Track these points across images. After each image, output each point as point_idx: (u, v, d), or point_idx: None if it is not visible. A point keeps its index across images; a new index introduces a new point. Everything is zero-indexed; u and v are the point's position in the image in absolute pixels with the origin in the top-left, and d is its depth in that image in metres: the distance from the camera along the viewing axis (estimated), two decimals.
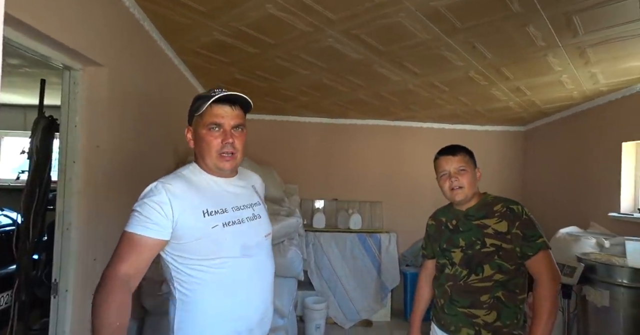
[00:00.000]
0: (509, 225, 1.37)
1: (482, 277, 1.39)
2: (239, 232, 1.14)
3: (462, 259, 1.44)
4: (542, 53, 2.27)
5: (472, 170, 1.48)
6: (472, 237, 1.43)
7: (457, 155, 1.48)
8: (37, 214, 2.09)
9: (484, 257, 1.39)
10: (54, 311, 1.66)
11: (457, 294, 1.44)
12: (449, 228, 1.54)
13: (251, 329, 1.16)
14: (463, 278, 1.43)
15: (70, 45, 1.41)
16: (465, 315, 1.42)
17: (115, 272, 0.99)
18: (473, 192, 1.48)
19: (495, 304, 1.38)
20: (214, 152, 1.13)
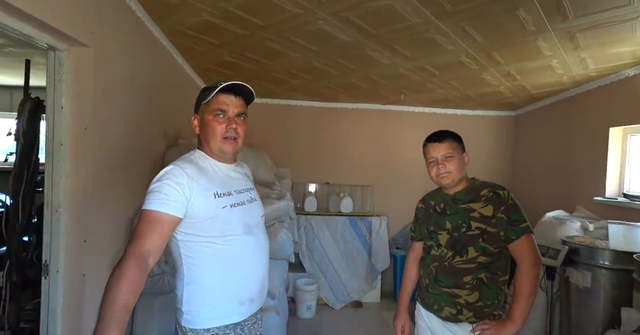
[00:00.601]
0: (495, 210, 1.42)
1: (467, 259, 1.44)
2: (242, 212, 1.25)
3: (448, 241, 1.49)
4: (532, 37, 2.27)
5: (460, 156, 1.52)
6: (459, 220, 1.48)
7: (443, 142, 1.51)
8: (26, 196, 2.09)
9: (468, 239, 1.44)
10: (45, 292, 1.68)
11: (442, 275, 1.50)
12: (437, 211, 1.58)
13: (252, 299, 1.27)
14: (448, 259, 1.48)
15: (54, 24, 1.39)
16: (449, 295, 1.47)
17: (138, 248, 1.05)
18: (460, 177, 1.52)
19: (478, 285, 1.43)
20: (218, 136, 1.23)
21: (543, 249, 2.66)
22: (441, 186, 1.58)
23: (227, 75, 3.39)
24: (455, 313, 1.46)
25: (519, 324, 1.36)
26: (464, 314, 1.45)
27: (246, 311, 1.26)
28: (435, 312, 1.53)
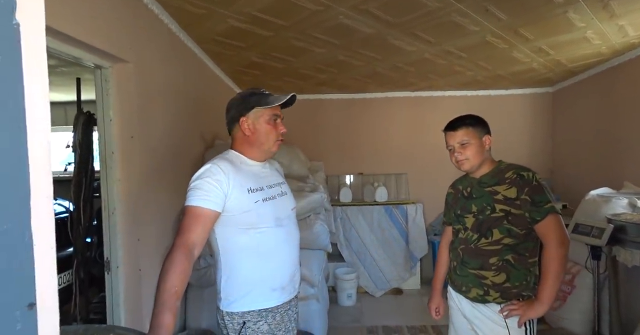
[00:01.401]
0: (518, 191, 1.43)
1: (491, 241, 1.47)
2: (274, 206, 1.35)
3: (473, 223, 1.52)
4: (561, 10, 2.19)
5: (477, 141, 1.52)
6: (484, 202, 1.50)
7: (458, 130, 1.53)
8: (86, 201, 2.32)
9: (493, 221, 1.46)
10: (108, 285, 1.88)
11: (468, 256, 1.53)
12: (464, 195, 1.61)
13: (284, 287, 1.37)
14: (474, 241, 1.51)
15: (98, 46, 1.54)
16: (475, 276, 1.51)
17: (184, 240, 1.17)
18: (480, 161, 1.53)
19: (504, 266, 1.45)
20: (272, 139, 1.37)
21: (586, 229, 2.58)
22: (464, 171, 1.61)
23: (256, 75, 3.51)
24: (482, 294, 1.49)
25: (546, 304, 1.37)
26: (490, 295, 1.47)
27: (279, 298, 1.35)
28: (464, 294, 1.56)
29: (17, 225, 0.40)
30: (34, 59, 0.42)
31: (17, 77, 0.40)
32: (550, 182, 4.32)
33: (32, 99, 0.42)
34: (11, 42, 0.39)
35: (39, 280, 0.43)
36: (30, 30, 0.42)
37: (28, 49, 0.41)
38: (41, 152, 0.43)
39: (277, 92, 1.54)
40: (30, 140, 0.41)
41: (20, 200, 0.41)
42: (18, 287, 0.40)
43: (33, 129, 0.42)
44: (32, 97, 0.42)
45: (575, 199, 3.46)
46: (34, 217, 0.42)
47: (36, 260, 0.43)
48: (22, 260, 0.41)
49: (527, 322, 1.43)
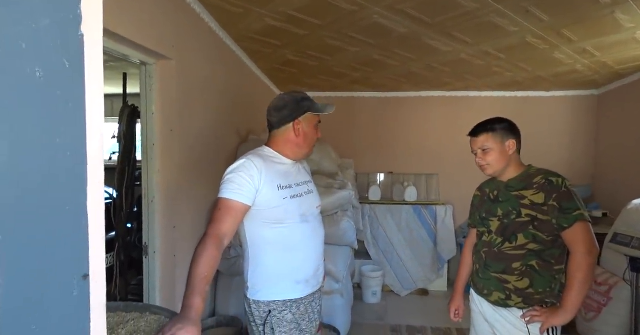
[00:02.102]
0: (546, 197, 1.40)
1: (515, 246, 1.45)
2: (300, 203, 1.42)
3: (498, 227, 1.51)
4: (608, 10, 2.10)
5: (499, 146, 1.50)
6: (509, 207, 1.48)
7: (479, 136, 1.54)
8: (128, 189, 2.48)
9: (518, 226, 1.45)
10: (145, 269, 2.01)
11: (491, 260, 1.52)
12: (491, 198, 1.60)
13: (307, 280, 1.43)
14: (497, 245, 1.50)
15: (145, 44, 1.65)
16: (498, 280, 1.50)
17: (216, 230, 1.24)
18: (503, 166, 1.52)
19: (528, 271, 1.44)
20: (312, 142, 1.49)
21: (626, 239, 2.47)
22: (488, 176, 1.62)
23: (292, 73, 3.58)
24: (504, 298, 1.48)
25: (570, 313, 1.34)
26: (512, 300, 1.46)
27: (303, 290, 1.41)
28: (485, 297, 1.56)
29: (76, 207, 0.47)
30: (93, 63, 0.49)
31: (80, 80, 0.46)
32: (591, 189, 4.13)
33: (91, 98, 0.49)
34: (77, 50, 0.46)
35: (92, 256, 0.50)
36: (91, 39, 0.48)
37: (89, 55, 0.48)
38: (96, 144, 0.50)
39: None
40: (89, 134, 0.48)
41: (79, 185, 0.48)
42: (76, 260, 0.47)
43: (91, 125, 0.48)
44: (91, 97, 0.49)
45: (616, 207, 3.29)
46: (89, 201, 0.49)
47: (90, 238, 0.50)
48: (80, 237, 0.48)
49: (550, 330, 1.40)
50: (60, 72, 0.43)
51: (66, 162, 0.45)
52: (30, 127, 0.40)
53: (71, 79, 0.44)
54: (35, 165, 0.41)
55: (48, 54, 0.41)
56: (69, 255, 0.46)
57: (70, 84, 0.44)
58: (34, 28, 0.40)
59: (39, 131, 0.41)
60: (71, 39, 0.45)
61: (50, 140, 0.42)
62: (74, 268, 0.47)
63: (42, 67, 0.41)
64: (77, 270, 0.47)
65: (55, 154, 0.43)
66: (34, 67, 0.40)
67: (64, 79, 0.43)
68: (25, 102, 0.39)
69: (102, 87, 0.48)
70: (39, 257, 0.43)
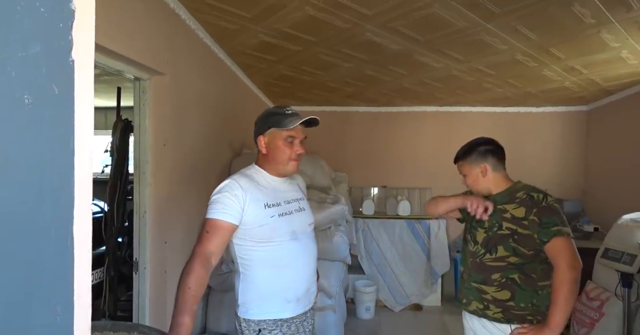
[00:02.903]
0: (527, 211, 1.44)
1: (496, 257, 1.49)
2: (290, 221, 1.41)
3: (483, 238, 1.55)
4: (594, 30, 2.16)
5: (474, 171, 1.59)
6: (494, 220, 1.52)
7: (456, 163, 1.66)
8: (120, 203, 2.46)
9: (499, 239, 1.49)
10: (136, 285, 1.97)
11: (474, 270, 1.57)
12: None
13: (299, 298, 1.41)
14: (480, 256, 1.54)
15: (139, 60, 1.66)
16: (477, 290, 1.54)
17: (203, 249, 1.26)
18: (485, 187, 1.59)
19: (509, 284, 1.46)
20: (287, 158, 1.41)
21: (617, 254, 2.48)
22: None
23: (285, 87, 3.61)
24: (482, 308, 1.51)
25: (555, 330, 1.35)
26: (491, 309, 1.49)
27: (294, 309, 1.40)
28: (465, 307, 1.59)
29: (62, 230, 0.47)
30: (83, 86, 0.49)
31: (70, 105, 0.47)
32: (582, 203, 4.16)
33: (80, 121, 0.49)
34: (67, 75, 0.46)
35: (77, 281, 0.50)
36: (82, 64, 0.49)
37: (79, 79, 0.48)
38: (85, 167, 0.50)
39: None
40: (77, 158, 0.48)
41: (66, 207, 0.47)
42: (59, 285, 0.47)
43: (80, 148, 0.49)
44: (80, 120, 0.49)
45: (607, 221, 3.32)
46: (75, 223, 0.49)
47: (75, 262, 0.50)
48: (64, 260, 0.48)
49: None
50: (49, 98, 0.43)
51: (53, 184, 0.45)
52: (16, 152, 0.41)
53: (60, 104, 0.44)
54: (20, 190, 0.41)
55: (37, 80, 0.42)
56: (53, 280, 0.46)
57: (58, 109, 0.44)
58: (24, 56, 0.41)
59: (25, 157, 0.41)
60: (61, 65, 0.46)
61: (36, 167, 0.42)
62: (58, 294, 0.46)
63: (31, 93, 0.41)
64: (61, 297, 0.46)
65: (41, 179, 0.43)
66: (23, 94, 0.40)
67: (52, 105, 0.43)
68: (13, 129, 0.40)
69: (91, 110, 0.49)
70: (21, 281, 0.42)
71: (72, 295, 0.48)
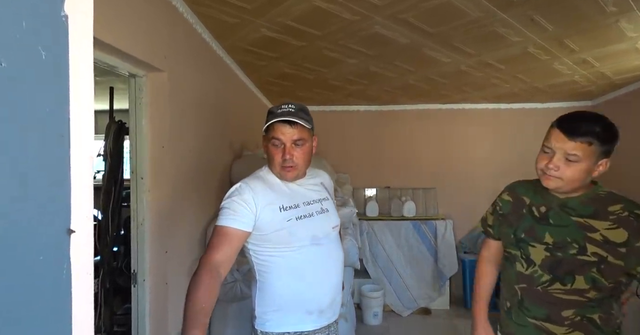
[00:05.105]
0: (630, 237, 1.06)
1: (570, 289, 1.11)
2: (310, 224, 1.28)
3: (546, 260, 1.14)
4: (613, 19, 2.06)
5: (590, 163, 1.08)
6: (567, 236, 1.11)
7: (574, 139, 1.06)
8: (114, 210, 2.30)
9: (578, 265, 1.09)
10: (134, 299, 1.82)
11: (531, 301, 1.17)
12: (534, 214, 1.21)
13: (322, 310, 1.28)
14: (543, 284, 1.14)
15: (134, 54, 1.52)
16: (538, 329, 1.16)
17: (210, 259, 1.14)
18: (576, 185, 1.13)
19: (584, 325, 1.11)
20: (276, 164, 1.28)
21: None
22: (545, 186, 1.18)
23: (286, 86, 3.48)
24: None
25: None
26: None
27: (316, 321, 1.28)
28: None
29: (55, 256, 0.34)
30: (82, 56, 0.36)
31: (63, 78, 0.33)
32: None
33: (78, 102, 0.35)
34: (59, 36, 0.33)
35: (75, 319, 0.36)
36: (79, 25, 0.35)
37: (75, 40, 0.35)
38: (85, 164, 0.37)
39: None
40: (74, 152, 0.35)
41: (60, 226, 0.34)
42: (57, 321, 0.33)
43: (78, 138, 0.35)
44: (77, 101, 0.35)
45: None
46: (72, 245, 0.35)
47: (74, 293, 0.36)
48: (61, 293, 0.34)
49: None
50: (33, 64, 0.29)
51: (38, 188, 0.31)
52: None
53: (48, 73, 0.30)
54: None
55: (14, 39, 0.28)
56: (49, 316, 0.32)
57: (46, 79, 0.30)
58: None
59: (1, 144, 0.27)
60: (51, 21, 0.32)
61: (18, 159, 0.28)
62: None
63: (5, 56, 0.27)
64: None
65: (23, 179, 0.30)
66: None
67: (37, 74, 0.29)
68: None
69: (91, 83, 0.35)
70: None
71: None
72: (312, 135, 1.34)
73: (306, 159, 1.31)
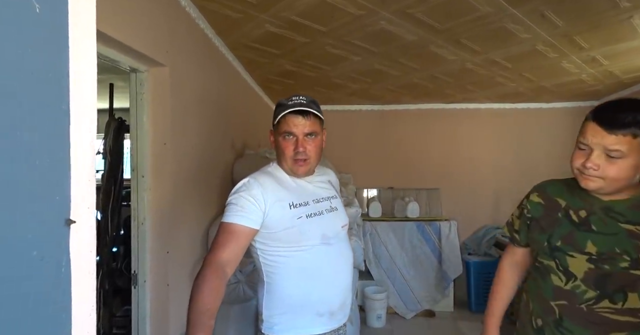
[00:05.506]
0: None
1: (622, 309, 0.96)
2: (320, 222, 1.24)
3: (590, 273, 0.99)
4: (626, 15, 2.02)
5: (636, 157, 0.93)
6: (616, 247, 0.96)
7: (616, 132, 0.91)
8: (114, 210, 2.25)
9: (631, 281, 0.95)
10: (134, 300, 1.76)
11: (572, 321, 1.01)
12: (571, 219, 1.05)
13: (333, 312, 1.23)
14: (588, 301, 0.99)
15: (136, 47, 1.46)
16: None
17: (216, 258, 1.09)
18: (621, 185, 0.98)
19: None
20: (288, 158, 1.23)
21: None
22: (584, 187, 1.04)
23: (287, 84, 3.43)
24: None
25: None
26: None
27: (326, 324, 1.23)
28: None
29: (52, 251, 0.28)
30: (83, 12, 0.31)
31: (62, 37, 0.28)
32: None
33: (78, 70, 0.30)
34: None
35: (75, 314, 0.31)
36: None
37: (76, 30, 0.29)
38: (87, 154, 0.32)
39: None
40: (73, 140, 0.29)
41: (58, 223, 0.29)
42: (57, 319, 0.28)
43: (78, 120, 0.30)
44: (77, 68, 0.30)
45: None
46: (72, 239, 0.30)
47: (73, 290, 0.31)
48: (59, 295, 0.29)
49: None
50: (26, 18, 0.24)
51: (33, 171, 0.26)
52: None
53: (44, 30, 0.25)
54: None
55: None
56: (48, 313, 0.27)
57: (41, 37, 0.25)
58: None
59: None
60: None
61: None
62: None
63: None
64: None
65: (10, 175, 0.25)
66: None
67: (31, 31, 0.24)
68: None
69: (94, 47, 0.30)
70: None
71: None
72: (322, 129, 1.29)
73: (318, 153, 1.26)
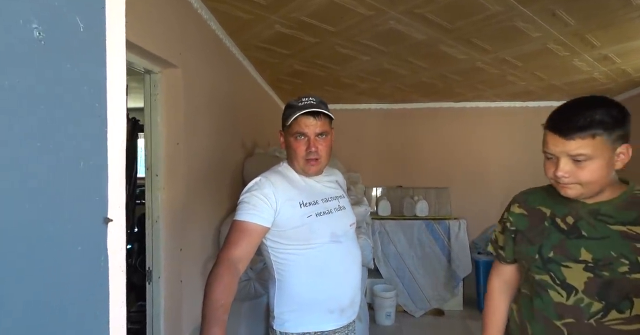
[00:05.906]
0: None
1: (631, 317, 0.90)
2: (329, 221, 1.27)
3: (590, 283, 0.92)
4: (637, 13, 2.00)
5: (604, 156, 0.89)
6: (612, 250, 0.91)
7: (574, 137, 0.88)
8: (128, 208, 2.30)
9: (634, 286, 0.89)
10: (149, 296, 1.81)
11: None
12: (559, 227, 1.00)
13: (343, 309, 1.26)
14: (595, 315, 0.92)
15: (151, 50, 1.50)
16: None
17: (229, 255, 1.12)
18: (600, 186, 0.93)
19: None
20: (300, 158, 1.26)
21: None
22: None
23: (297, 84, 3.46)
24: None
25: None
26: None
27: (337, 321, 1.26)
28: None
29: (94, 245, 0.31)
30: (116, 28, 0.33)
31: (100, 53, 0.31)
32: None
33: (113, 81, 0.33)
34: (96, 6, 0.30)
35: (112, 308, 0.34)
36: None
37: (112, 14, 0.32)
38: (118, 151, 0.34)
39: None
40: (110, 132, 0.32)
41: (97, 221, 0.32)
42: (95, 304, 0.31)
43: (113, 118, 0.33)
44: (113, 80, 0.33)
45: None
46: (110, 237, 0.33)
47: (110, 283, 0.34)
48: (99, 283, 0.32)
49: None
50: (70, 35, 0.27)
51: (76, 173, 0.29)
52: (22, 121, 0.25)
53: (86, 47, 0.28)
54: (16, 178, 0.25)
55: (53, 5, 0.26)
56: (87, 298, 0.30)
57: (84, 56, 0.28)
58: None
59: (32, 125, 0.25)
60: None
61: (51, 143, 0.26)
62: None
63: (42, 24, 0.25)
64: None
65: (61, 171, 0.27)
66: (31, 23, 0.24)
67: (75, 47, 0.27)
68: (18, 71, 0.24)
69: (123, 60, 0.33)
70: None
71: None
72: (331, 128, 1.32)
73: (328, 152, 1.30)
